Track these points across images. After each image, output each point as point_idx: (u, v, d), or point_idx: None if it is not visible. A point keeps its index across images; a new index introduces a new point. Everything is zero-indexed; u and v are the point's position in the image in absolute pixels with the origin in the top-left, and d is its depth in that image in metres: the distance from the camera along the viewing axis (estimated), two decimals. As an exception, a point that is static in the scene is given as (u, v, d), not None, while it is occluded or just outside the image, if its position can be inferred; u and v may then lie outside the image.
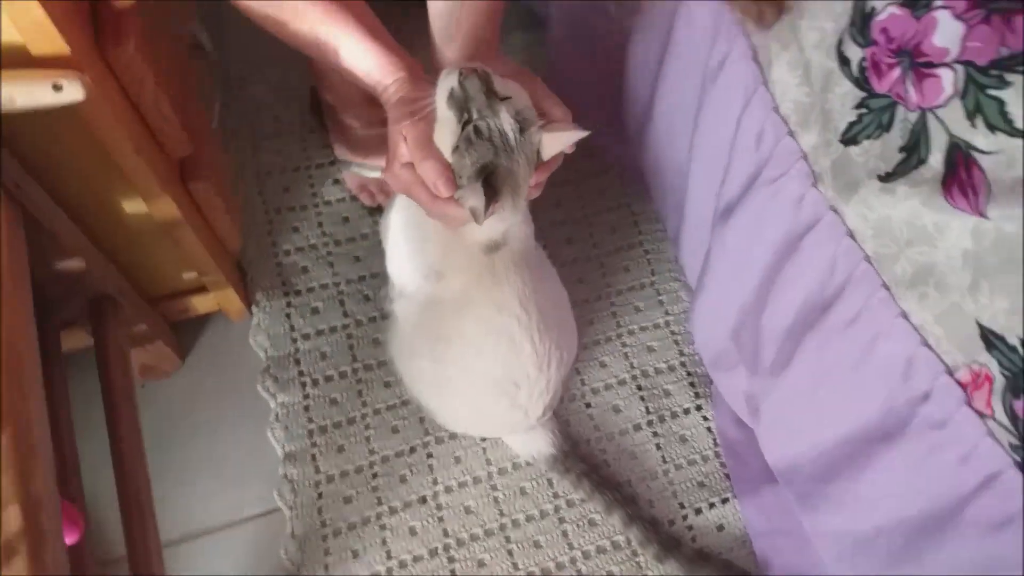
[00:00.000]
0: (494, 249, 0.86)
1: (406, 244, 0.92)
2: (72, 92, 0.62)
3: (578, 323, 1.17)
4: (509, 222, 0.84)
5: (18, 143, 0.72)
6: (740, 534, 1.09)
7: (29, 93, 0.61)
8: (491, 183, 0.74)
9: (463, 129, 0.73)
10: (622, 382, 1.16)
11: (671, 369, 1.18)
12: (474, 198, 0.73)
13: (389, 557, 1.03)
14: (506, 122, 0.73)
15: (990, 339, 0.59)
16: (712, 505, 1.10)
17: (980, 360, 0.60)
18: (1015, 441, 0.59)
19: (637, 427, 1.14)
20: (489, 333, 0.90)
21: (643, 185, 1.19)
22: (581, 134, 0.74)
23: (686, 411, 1.16)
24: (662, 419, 1.15)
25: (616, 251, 1.24)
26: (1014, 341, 0.57)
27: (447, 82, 0.74)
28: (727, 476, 1.12)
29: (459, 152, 0.74)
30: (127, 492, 0.82)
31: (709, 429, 1.15)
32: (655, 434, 1.14)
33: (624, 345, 1.19)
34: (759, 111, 0.77)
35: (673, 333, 1.20)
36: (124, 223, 0.88)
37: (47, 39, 0.62)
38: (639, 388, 1.16)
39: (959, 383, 0.63)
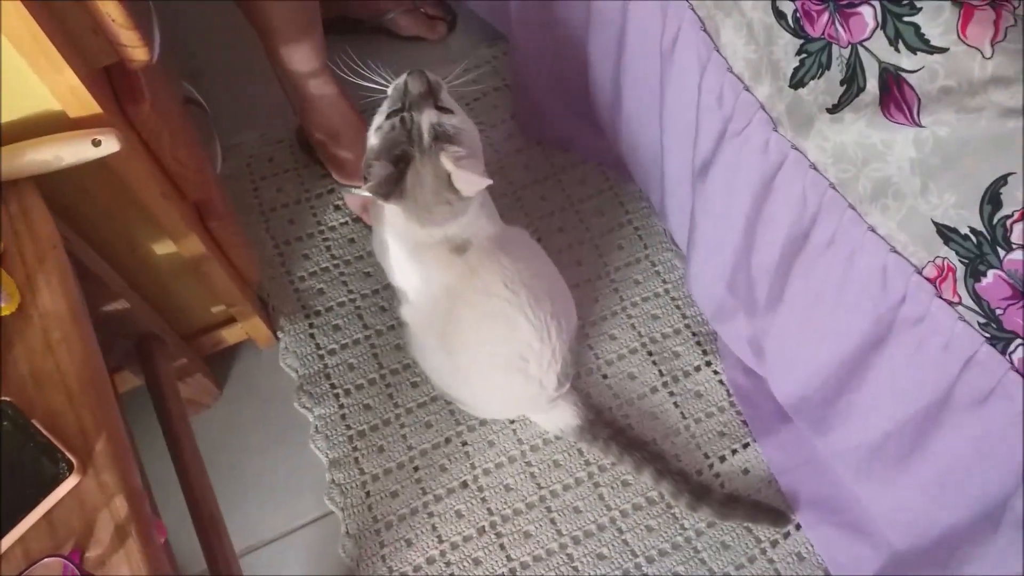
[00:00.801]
0: (462, 250, 0.95)
1: (392, 257, 1.00)
2: (110, 145, 0.70)
3: (583, 301, 1.25)
4: (446, 228, 0.95)
5: (60, 202, 0.79)
6: (765, 474, 1.16)
7: (74, 151, 0.68)
8: (394, 173, 0.88)
9: (389, 115, 0.89)
10: (633, 351, 1.24)
11: (677, 332, 1.25)
12: (379, 168, 0.87)
13: (440, 541, 1.10)
14: (426, 123, 0.88)
15: (946, 233, 0.67)
16: (735, 451, 1.17)
17: (941, 254, 0.68)
18: (982, 319, 0.67)
19: (654, 390, 1.21)
20: (485, 317, 0.98)
21: (623, 169, 1.27)
22: (487, 182, 0.90)
23: (697, 368, 1.23)
24: (676, 379, 1.22)
25: (608, 232, 1.32)
26: (965, 230, 0.65)
27: (400, 79, 0.90)
28: (744, 423, 1.19)
29: (379, 132, 0.90)
30: (199, 510, 0.89)
31: (721, 382, 1.22)
32: (671, 394, 1.21)
33: (630, 317, 1.26)
34: (715, 74, 0.85)
35: (673, 299, 1.27)
36: (156, 264, 0.96)
37: (82, 103, 0.70)
38: (650, 354, 1.24)
39: (928, 279, 0.70)
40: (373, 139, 0.93)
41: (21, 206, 0.69)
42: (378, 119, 0.94)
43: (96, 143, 0.70)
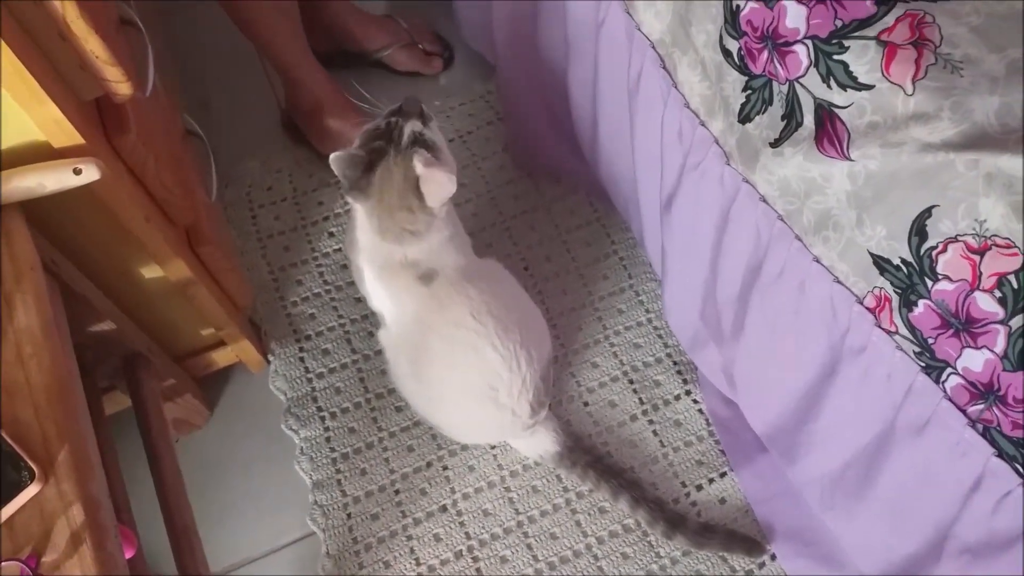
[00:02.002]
0: (429, 280, 0.99)
1: (367, 281, 1.04)
2: (90, 174, 0.75)
3: (566, 330, 1.28)
4: (407, 247, 0.99)
5: (48, 225, 0.85)
6: (742, 504, 1.17)
7: (56, 179, 0.73)
8: (364, 168, 0.95)
9: (379, 120, 0.97)
10: (614, 379, 1.26)
11: (658, 361, 1.27)
12: (352, 153, 0.95)
13: (418, 563, 1.12)
14: (408, 129, 0.95)
15: (881, 264, 0.68)
16: (712, 480, 1.18)
17: (878, 284, 0.70)
18: (917, 349, 0.68)
19: (633, 418, 1.23)
20: (454, 346, 1.01)
21: (607, 199, 1.30)
22: (453, 180, 0.95)
23: (677, 397, 1.24)
24: (656, 407, 1.23)
25: (593, 262, 1.34)
26: (897, 261, 0.67)
27: (397, 103, 0.98)
28: (722, 452, 1.20)
29: (364, 131, 0.97)
30: (173, 521, 0.92)
31: (700, 411, 1.23)
32: (651, 422, 1.22)
33: (612, 345, 1.28)
34: (675, 110, 0.88)
35: (656, 328, 1.29)
36: (144, 287, 1.00)
37: (65, 134, 0.75)
38: (631, 382, 1.25)
39: (868, 309, 0.72)
40: (357, 138, 0.99)
41: (3, 229, 0.73)
42: (367, 126, 1.00)
43: (77, 172, 0.74)
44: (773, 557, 1.12)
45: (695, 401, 1.24)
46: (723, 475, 1.18)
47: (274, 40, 1.28)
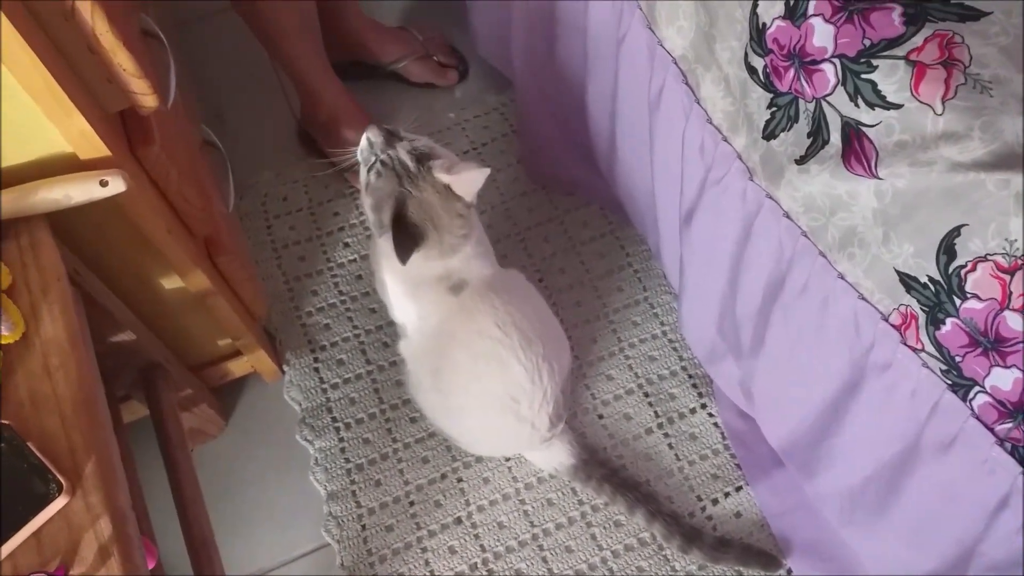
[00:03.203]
0: (458, 290, 0.99)
1: (391, 293, 1.04)
2: (116, 186, 0.75)
3: (582, 342, 1.28)
4: (454, 259, 0.98)
5: (72, 236, 0.85)
6: (758, 518, 1.16)
7: (83, 190, 0.74)
8: (405, 223, 0.92)
9: (369, 171, 0.93)
10: (629, 391, 1.26)
11: (673, 374, 1.27)
12: (389, 225, 0.92)
13: None
14: (403, 153, 0.92)
15: (907, 282, 0.69)
16: (727, 494, 1.18)
17: (904, 302, 0.70)
18: (944, 367, 0.68)
19: (649, 431, 1.22)
20: (478, 358, 1.01)
21: (622, 212, 1.31)
22: (485, 171, 0.93)
23: (692, 411, 1.24)
24: (671, 420, 1.23)
25: (607, 274, 1.34)
26: (924, 279, 0.67)
27: (362, 141, 0.95)
28: (738, 466, 1.20)
29: (369, 189, 0.94)
30: (192, 533, 0.92)
31: (716, 424, 1.23)
32: (666, 435, 1.22)
33: (627, 358, 1.28)
34: (697, 125, 0.88)
35: (671, 341, 1.29)
36: (163, 297, 1.00)
37: (92, 147, 0.75)
38: (646, 395, 1.25)
39: (893, 326, 0.72)
40: (367, 200, 0.96)
41: (31, 240, 0.74)
42: (362, 177, 0.97)
43: (103, 183, 0.75)
44: (789, 572, 1.12)
45: (710, 414, 1.24)
46: (739, 489, 1.18)
47: (296, 56, 1.29)
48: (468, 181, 0.93)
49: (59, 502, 0.63)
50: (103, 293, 0.89)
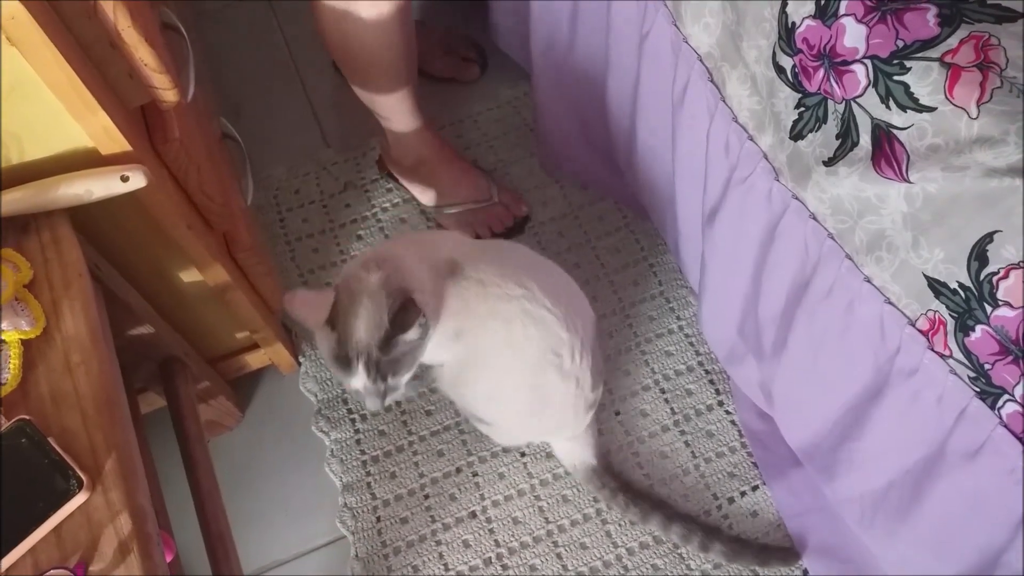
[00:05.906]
0: (455, 269, 0.96)
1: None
2: (137, 181, 0.75)
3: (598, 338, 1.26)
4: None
5: (92, 231, 0.85)
6: (774, 518, 1.16)
7: (104, 185, 0.73)
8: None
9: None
10: (646, 387, 1.25)
11: (690, 370, 1.26)
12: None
13: (447, 569, 1.12)
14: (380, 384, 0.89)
15: (936, 287, 0.67)
16: (744, 493, 1.17)
17: (932, 307, 0.69)
18: (972, 374, 0.67)
19: (665, 428, 1.22)
20: (509, 320, 0.96)
21: (639, 207, 1.29)
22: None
23: (709, 408, 1.23)
24: (687, 418, 1.23)
25: (623, 268, 1.33)
26: (954, 285, 0.65)
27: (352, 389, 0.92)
28: (755, 464, 1.19)
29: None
30: (209, 527, 0.92)
31: (733, 422, 1.22)
32: (683, 432, 1.22)
33: (643, 353, 1.27)
34: (722, 123, 0.87)
35: (687, 336, 1.28)
36: (182, 291, 1.00)
37: (113, 141, 0.75)
38: (662, 391, 1.25)
39: (920, 331, 0.71)
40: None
41: (53, 235, 0.74)
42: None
43: (124, 179, 0.75)
44: (805, 573, 1.11)
45: (728, 412, 1.23)
46: (755, 488, 1.18)
47: (380, 101, 1.23)
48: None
49: (79, 498, 0.63)
50: (123, 287, 0.89)
